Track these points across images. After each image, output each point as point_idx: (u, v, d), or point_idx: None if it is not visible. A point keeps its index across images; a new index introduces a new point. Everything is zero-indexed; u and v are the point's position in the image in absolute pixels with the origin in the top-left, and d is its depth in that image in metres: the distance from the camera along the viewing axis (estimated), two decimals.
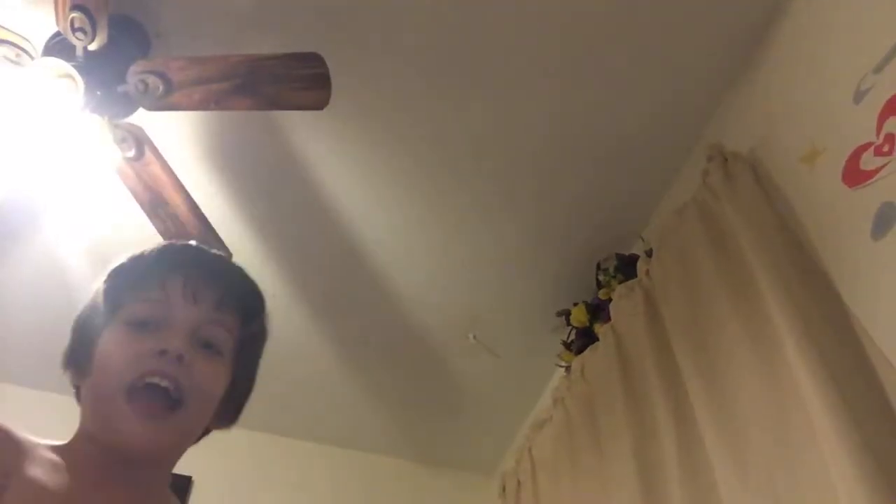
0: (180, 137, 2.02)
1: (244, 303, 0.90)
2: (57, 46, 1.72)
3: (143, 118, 1.83)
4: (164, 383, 0.79)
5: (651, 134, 2.08)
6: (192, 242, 0.93)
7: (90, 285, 0.91)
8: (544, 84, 1.95)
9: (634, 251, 2.21)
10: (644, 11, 1.81)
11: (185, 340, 0.82)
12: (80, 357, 0.86)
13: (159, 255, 0.89)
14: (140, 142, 1.83)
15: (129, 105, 1.78)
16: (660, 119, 2.04)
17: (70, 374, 0.87)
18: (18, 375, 2.60)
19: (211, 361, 0.84)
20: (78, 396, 0.87)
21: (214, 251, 0.94)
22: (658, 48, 1.89)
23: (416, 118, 2.03)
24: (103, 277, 0.89)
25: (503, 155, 2.11)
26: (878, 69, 1.43)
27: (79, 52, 1.67)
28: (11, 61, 1.66)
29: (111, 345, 0.82)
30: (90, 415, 0.83)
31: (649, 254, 2.02)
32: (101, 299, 0.87)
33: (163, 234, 1.97)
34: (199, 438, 0.89)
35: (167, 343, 0.80)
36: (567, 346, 2.38)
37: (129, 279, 0.87)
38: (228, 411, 0.90)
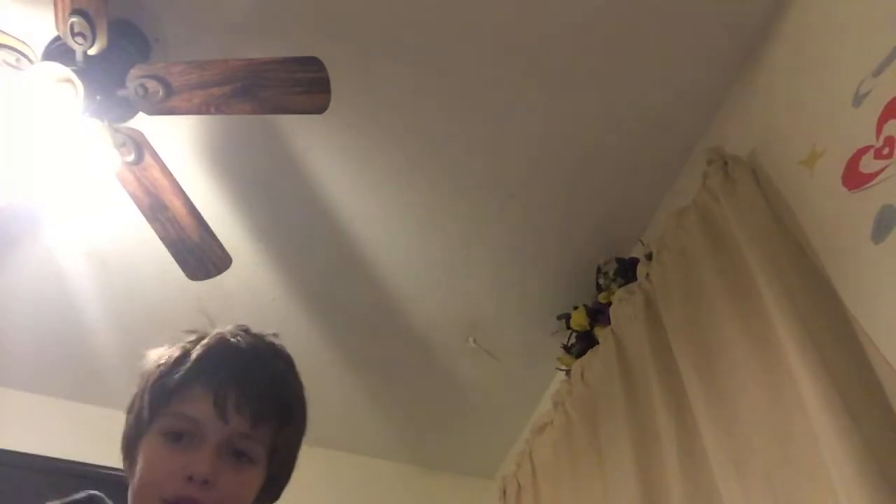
0: (180, 142, 2.03)
1: (280, 413, 0.91)
2: (57, 51, 1.72)
3: (142, 122, 1.83)
4: None
5: (651, 137, 2.08)
6: (236, 341, 0.92)
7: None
8: (544, 88, 1.96)
9: (634, 255, 2.21)
10: (643, 15, 1.81)
11: (214, 458, 0.84)
12: (129, 452, 0.89)
13: (198, 363, 0.89)
14: (140, 146, 1.83)
15: (129, 109, 1.78)
16: (659, 122, 2.04)
17: (124, 465, 0.91)
18: (19, 380, 2.59)
19: (241, 471, 0.87)
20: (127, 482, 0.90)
21: (261, 352, 0.93)
22: (657, 52, 1.89)
23: (416, 122, 2.03)
24: (148, 370, 0.91)
25: (503, 158, 2.11)
26: (878, 72, 1.43)
27: (78, 56, 1.67)
28: (11, 66, 1.65)
29: (148, 455, 0.86)
30: None
31: (649, 257, 2.02)
32: (144, 399, 0.88)
33: (163, 238, 1.97)
34: None
35: (194, 467, 0.83)
36: (567, 349, 2.38)
37: (167, 385, 0.88)
38: (268, 499, 0.94)
